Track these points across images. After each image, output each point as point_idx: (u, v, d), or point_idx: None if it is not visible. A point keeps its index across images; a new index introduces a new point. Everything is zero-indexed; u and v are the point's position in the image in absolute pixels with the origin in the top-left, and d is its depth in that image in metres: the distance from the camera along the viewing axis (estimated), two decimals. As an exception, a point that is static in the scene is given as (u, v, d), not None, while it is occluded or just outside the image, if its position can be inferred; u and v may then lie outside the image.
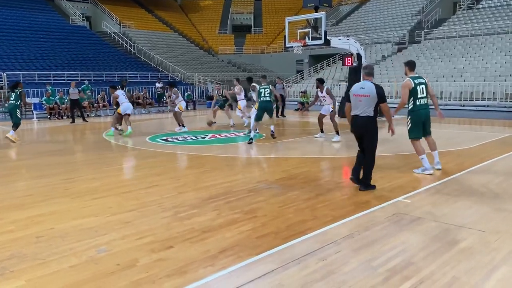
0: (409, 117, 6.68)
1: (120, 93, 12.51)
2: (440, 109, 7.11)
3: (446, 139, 9.96)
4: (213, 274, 3.26)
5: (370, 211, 4.81)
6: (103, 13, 37.32)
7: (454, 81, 21.06)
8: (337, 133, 10.54)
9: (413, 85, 6.49)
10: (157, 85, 24.04)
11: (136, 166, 8.19)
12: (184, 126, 13.00)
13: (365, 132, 5.69)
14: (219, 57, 39.52)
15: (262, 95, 10.52)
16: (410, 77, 6.59)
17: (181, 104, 13.00)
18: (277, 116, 16.74)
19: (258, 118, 10.48)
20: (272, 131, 11.05)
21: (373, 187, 5.75)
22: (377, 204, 5.07)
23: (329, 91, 10.67)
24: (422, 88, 6.56)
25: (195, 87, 28.94)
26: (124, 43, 33.96)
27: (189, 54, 36.71)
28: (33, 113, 18.86)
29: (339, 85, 25.04)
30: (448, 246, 3.76)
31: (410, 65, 6.72)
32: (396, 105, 6.85)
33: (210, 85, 29.93)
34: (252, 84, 11.92)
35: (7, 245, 3.92)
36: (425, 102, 6.63)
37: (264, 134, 11.66)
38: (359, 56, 16.35)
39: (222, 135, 12.02)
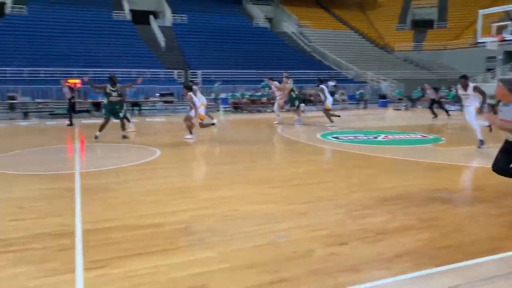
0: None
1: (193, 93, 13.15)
2: None
3: None
4: (390, 278, 3.19)
5: None
6: (283, 14, 39.48)
7: None
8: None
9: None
10: (330, 83, 24.30)
11: (308, 161, 8.46)
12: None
13: None
14: (395, 54, 37.80)
15: None
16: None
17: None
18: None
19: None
20: None
21: None
22: None
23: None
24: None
25: (367, 85, 28.34)
26: (300, 42, 35.32)
27: (364, 52, 36.07)
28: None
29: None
30: None
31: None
32: None
33: (384, 83, 28.88)
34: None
35: (204, 220, 4.56)
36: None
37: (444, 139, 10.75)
38: None
39: (395, 137, 11.53)
